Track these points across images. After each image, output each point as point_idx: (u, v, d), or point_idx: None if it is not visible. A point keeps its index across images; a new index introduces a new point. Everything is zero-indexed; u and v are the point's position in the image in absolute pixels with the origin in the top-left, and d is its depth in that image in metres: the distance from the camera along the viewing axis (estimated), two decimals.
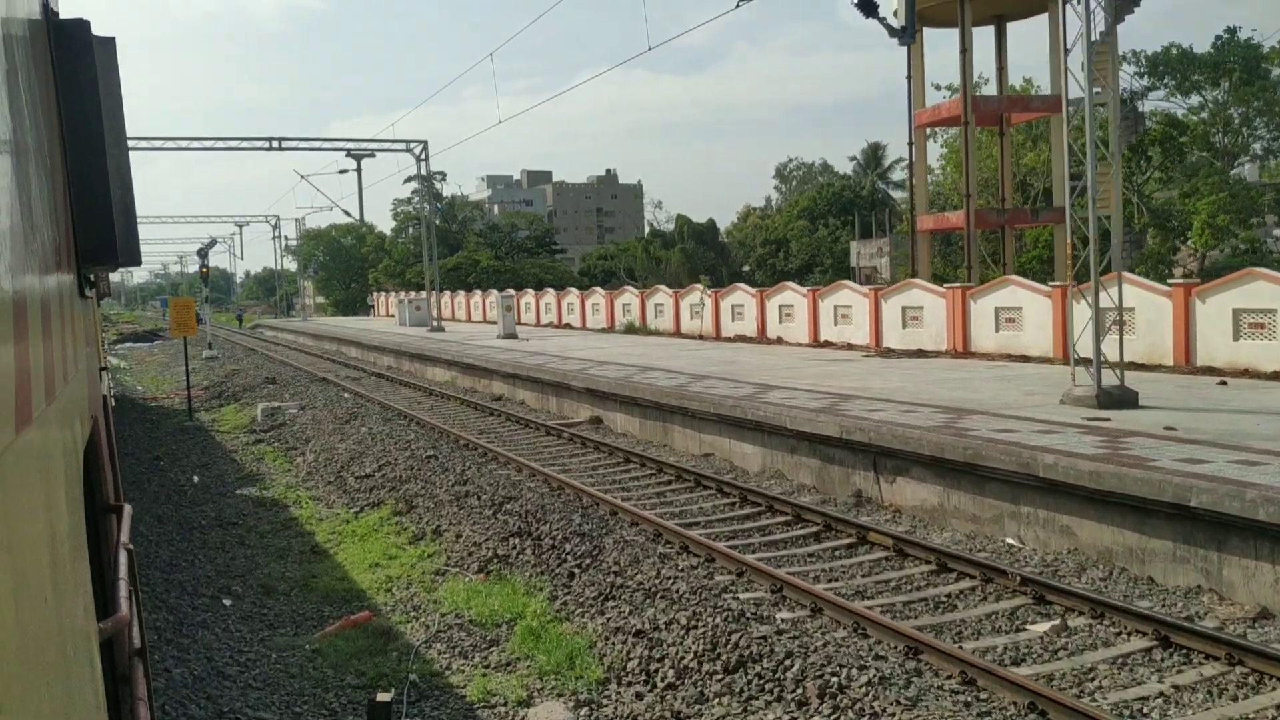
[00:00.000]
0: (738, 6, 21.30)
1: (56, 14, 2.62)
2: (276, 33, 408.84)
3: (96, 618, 2.20)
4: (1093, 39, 14.78)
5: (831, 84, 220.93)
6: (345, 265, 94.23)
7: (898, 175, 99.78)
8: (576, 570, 10.31)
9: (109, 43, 2.77)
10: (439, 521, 13.16)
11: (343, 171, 41.26)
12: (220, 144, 38.97)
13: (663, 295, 36.89)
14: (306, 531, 14.14)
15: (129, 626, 2.67)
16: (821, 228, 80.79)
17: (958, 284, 24.03)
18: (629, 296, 39.29)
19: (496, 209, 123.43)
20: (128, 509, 3.42)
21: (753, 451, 14.85)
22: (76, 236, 2.61)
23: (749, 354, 25.03)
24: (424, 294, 54.97)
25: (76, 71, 2.59)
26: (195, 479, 18.19)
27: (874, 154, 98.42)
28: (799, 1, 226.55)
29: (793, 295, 29.50)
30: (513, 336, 35.00)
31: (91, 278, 3.61)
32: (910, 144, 32.91)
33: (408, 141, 41.23)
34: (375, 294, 77.42)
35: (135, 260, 3.17)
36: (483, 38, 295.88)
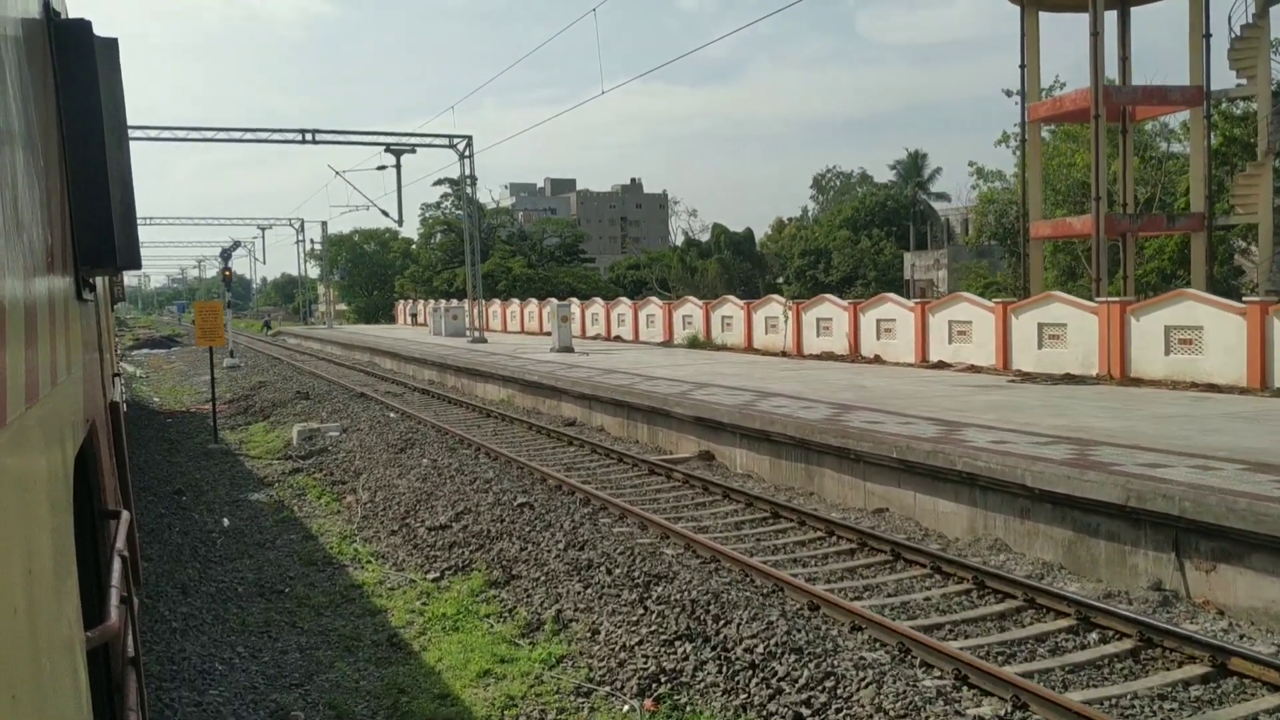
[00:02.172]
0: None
1: (58, 14, 2.60)
2: (297, 40, 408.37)
3: (86, 626, 2.14)
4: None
5: (851, 98, 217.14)
6: (368, 272, 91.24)
7: (938, 185, 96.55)
8: (804, 712, 6.92)
9: (111, 44, 2.70)
10: (559, 604, 9.77)
11: (381, 168, 38.05)
12: (250, 135, 35.82)
13: (731, 306, 33.49)
14: (376, 607, 10.76)
15: (122, 635, 2.59)
16: (865, 239, 77.44)
17: (1115, 298, 20.56)
18: (690, 307, 35.91)
19: (521, 216, 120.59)
20: (125, 515, 3.20)
21: (954, 511, 11.41)
22: (75, 239, 2.58)
23: (865, 376, 21.57)
24: (460, 302, 51.81)
25: (77, 72, 2.53)
26: (225, 522, 14.87)
27: (914, 163, 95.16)
28: (818, 16, 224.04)
29: (895, 309, 26.06)
30: (569, 350, 31.65)
31: (91, 281, 3.38)
32: (1023, 140, 29.41)
33: (450, 136, 38.02)
34: (402, 301, 74.25)
35: (135, 264, 3.02)
36: (498, 48, 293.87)
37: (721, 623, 8.34)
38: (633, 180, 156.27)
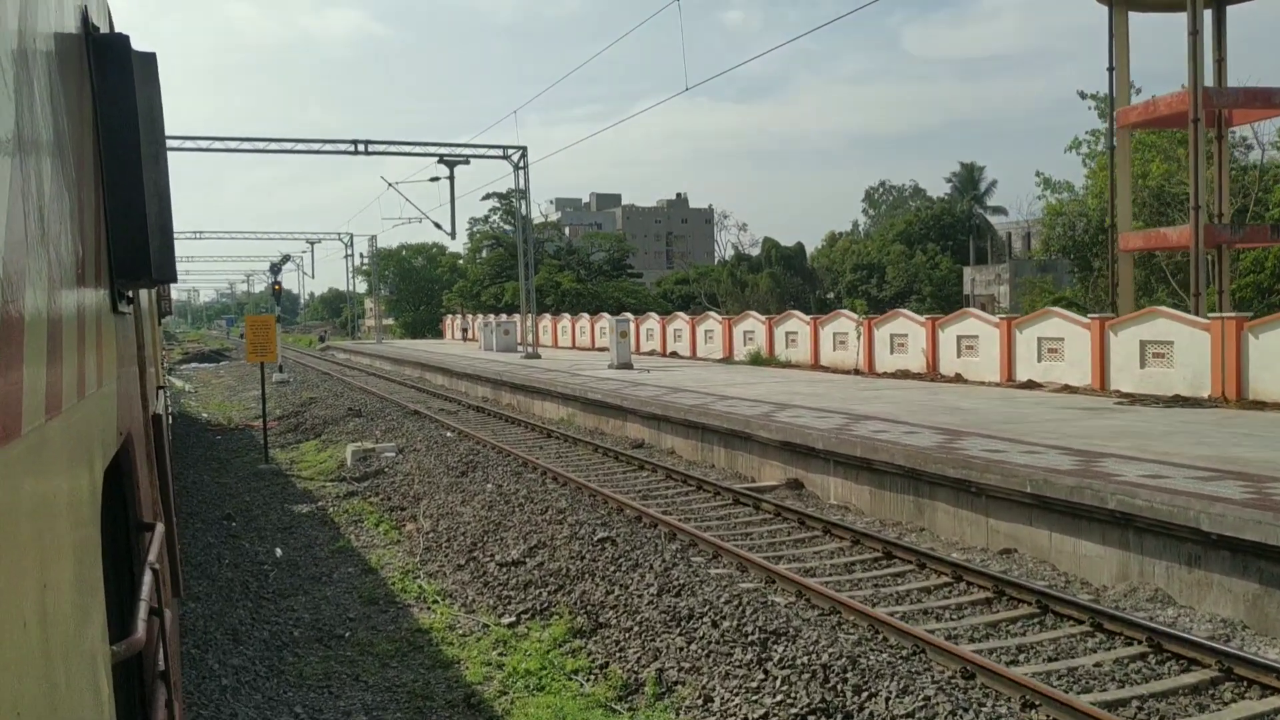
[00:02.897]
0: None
1: (97, 29, 2.61)
2: (347, 60, 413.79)
3: (121, 638, 2.16)
4: None
5: (897, 113, 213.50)
6: (415, 287, 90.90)
7: (994, 199, 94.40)
8: None
9: (149, 58, 2.71)
10: (659, 662, 8.53)
11: (434, 179, 37.21)
12: (301, 146, 35.14)
13: (796, 322, 32.13)
14: (447, 658, 9.59)
15: (153, 648, 2.60)
16: (919, 253, 75.74)
17: (1231, 313, 18.97)
18: (752, 323, 34.60)
19: (567, 231, 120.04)
20: (159, 528, 3.14)
21: (1100, 555, 10.01)
22: (110, 252, 2.60)
23: (954, 396, 20.11)
24: (511, 317, 50.96)
25: (115, 86, 2.55)
26: (278, 552, 13.82)
27: (970, 176, 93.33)
28: (863, 32, 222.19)
29: (978, 324, 24.57)
30: (627, 366, 30.45)
31: (129, 294, 3.34)
32: (1111, 147, 27.77)
33: (505, 147, 37.08)
34: (450, 316, 73.62)
35: (170, 278, 3.05)
36: (544, 66, 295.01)
37: (865, 695, 7.04)
38: (678, 195, 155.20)
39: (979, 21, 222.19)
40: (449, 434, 22.45)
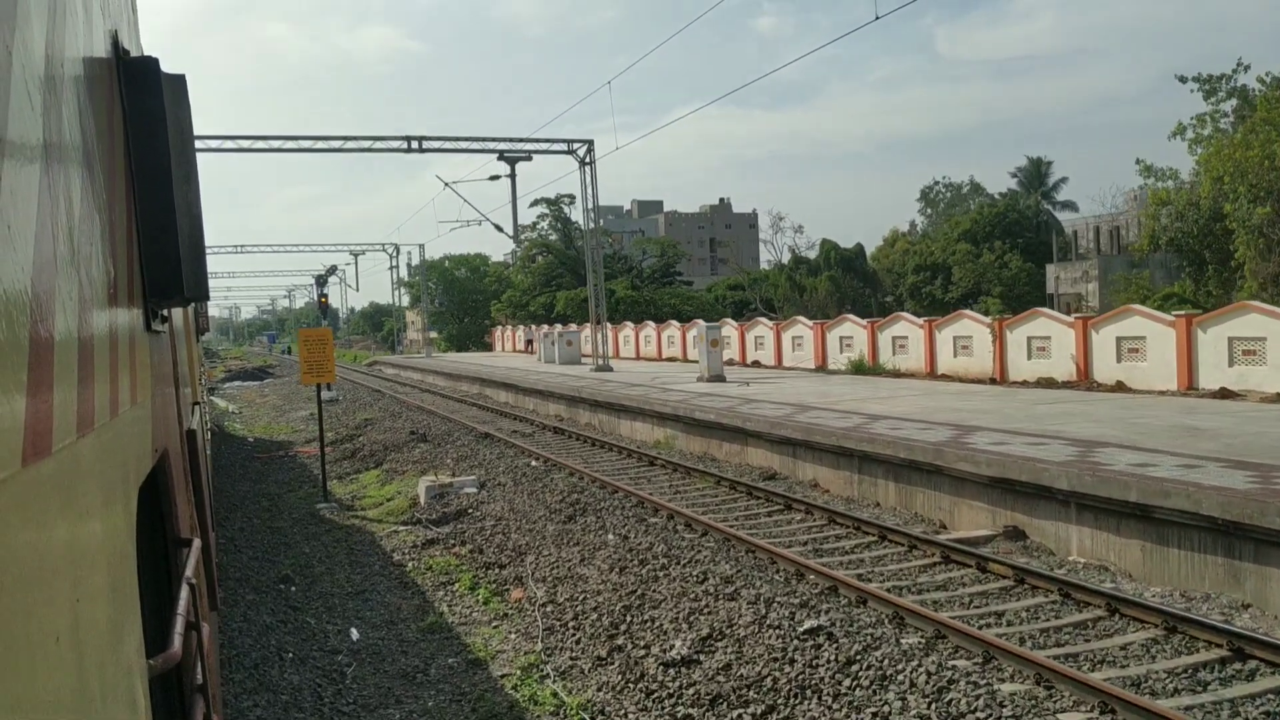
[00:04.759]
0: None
1: (127, 52, 2.66)
2: (380, 76, 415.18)
3: (152, 654, 2.13)
4: None
5: (929, 116, 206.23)
6: (460, 298, 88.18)
7: (1064, 194, 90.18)
8: None
9: (179, 80, 2.72)
10: None
11: (494, 178, 34.16)
12: (351, 144, 32.14)
13: (906, 325, 28.62)
14: None
15: (191, 662, 2.59)
16: (986, 252, 71.83)
17: None
18: (850, 327, 31.13)
19: (611, 239, 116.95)
20: (196, 543, 3.08)
21: None
22: (143, 271, 2.60)
23: (1161, 410, 16.49)
24: (569, 326, 47.88)
25: (145, 108, 2.56)
26: (354, 634, 10.62)
27: (1036, 171, 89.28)
28: (895, 36, 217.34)
29: (1145, 323, 20.98)
30: (720, 379, 27.08)
31: (163, 312, 3.35)
32: None
33: (570, 141, 33.93)
34: (499, 328, 70.74)
35: (202, 296, 3.03)
36: (574, 79, 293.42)
37: None
38: (721, 200, 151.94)
39: (1014, 22, 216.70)
40: (534, 463, 19.22)
